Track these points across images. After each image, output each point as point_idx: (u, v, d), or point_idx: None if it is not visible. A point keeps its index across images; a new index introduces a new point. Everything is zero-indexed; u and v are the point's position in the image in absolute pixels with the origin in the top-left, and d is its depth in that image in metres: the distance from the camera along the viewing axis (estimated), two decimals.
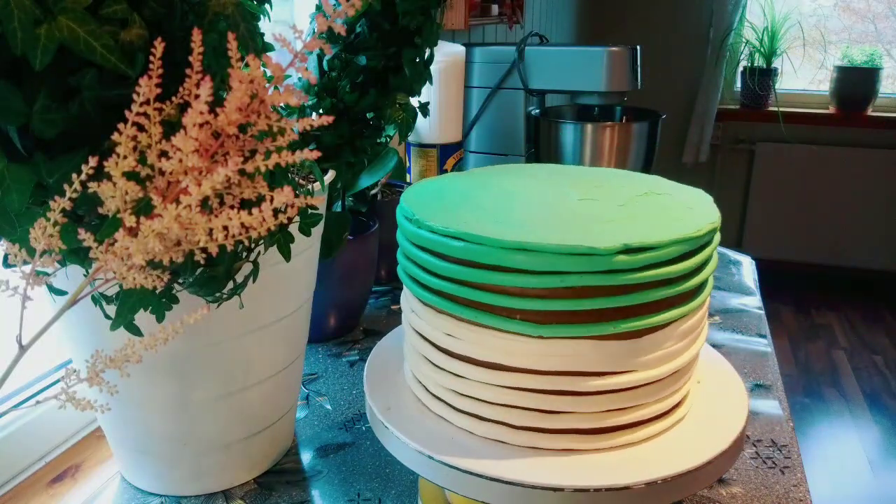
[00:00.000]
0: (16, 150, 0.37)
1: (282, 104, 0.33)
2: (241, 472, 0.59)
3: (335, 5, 0.47)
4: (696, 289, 0.43)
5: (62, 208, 0.32)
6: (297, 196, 0.32)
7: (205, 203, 0.34)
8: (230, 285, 0.46)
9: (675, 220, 0.42)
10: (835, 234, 3.34)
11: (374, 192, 0.97)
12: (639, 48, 1.39)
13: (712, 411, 0.46)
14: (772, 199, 3.40)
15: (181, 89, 0.33)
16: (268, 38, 0.44)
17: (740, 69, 3.33)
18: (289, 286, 0.55)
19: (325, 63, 0.73)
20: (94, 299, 0.44)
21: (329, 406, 0.71)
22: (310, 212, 0.52)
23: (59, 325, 0.51)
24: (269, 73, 0.33)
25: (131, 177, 0.32)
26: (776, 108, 3.25)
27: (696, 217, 0.43)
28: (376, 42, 0.72)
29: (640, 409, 0.42)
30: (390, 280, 1.04)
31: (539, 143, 1.43)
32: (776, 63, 3.24)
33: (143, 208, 0.33)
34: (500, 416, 0.42)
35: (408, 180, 1.21)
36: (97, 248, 0.32)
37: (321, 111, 0.72)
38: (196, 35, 0.31)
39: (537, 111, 1.47)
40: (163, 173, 0.33)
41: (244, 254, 0.45)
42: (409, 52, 0.73)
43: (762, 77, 3.23)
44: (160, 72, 0.31)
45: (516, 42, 1.40)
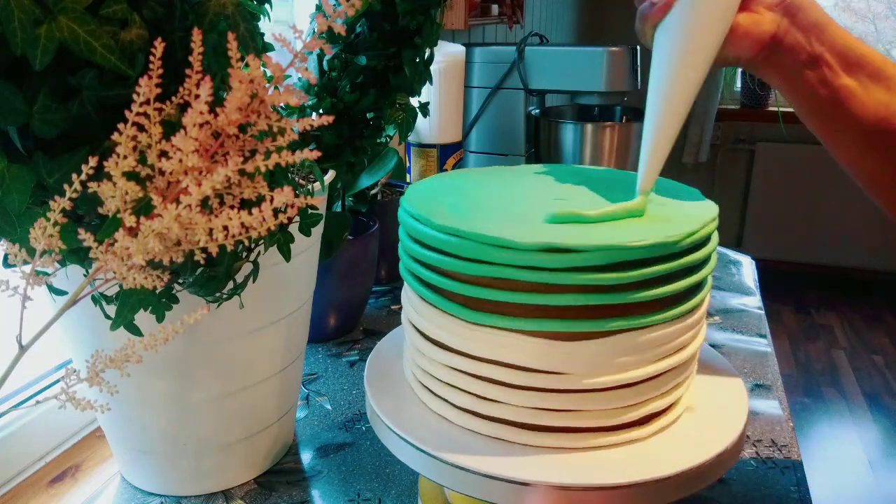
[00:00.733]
0: (16, 150, 0.37)
1: (282, 104, 0.33)
2: (241, 472, 0.59)
3: (335, 5, 0.47)
4: (663, 301, 0.41)
5: (62, 208, 0.32)
6: (297, 196, 0.32)
7: (205, 203, 0.34)
8: (230, 285, 0.46)
9: (642, 230, 0.41)
10: (835, 234, 3.34)
11: (374, 192, 0.97)
12: (639, 48, 1.39)
13: (712, 411, 0.46)
14: (772, 199, 3.40)
15: (181, 89, 0.33)
16: (268, 38, 0.44)
17: (740, 69, 3.32)
18: (289, 286, 0.55)
19: (325, 63, 0.73)
20: (94, 299, 0.44)
21: (329, 406, 0.71)
22: (310, 212, 0.52)
23: (59, 325, 0.51)
24: (269, 73, 0.33)
25: (131, 177, 0.32)
26: (776, 108, 3.25)
27: (664, 229, 0.41)
28: (376, 42, 0.72)
29: (642, 406, 0.42)
30: (390, 280, 1.04)
31: (539, 143, 1.43)
32: None
33: (143, 208, 0.33)
34: (499, 412, 0.42)
35: (408, 180, 1.21)
36: (97, 248, 0.32)
37: (321, 111, 0.72)
38: (196, 35, 0.31)
39: (537, 111, 1.47)
40: (163, 173, 0.33)
41: (244, 254, 0.45)
42: (409, 52, 0.73)
43: None
44: (160, 72, 0.31)
45: (516, 42, 1.40)
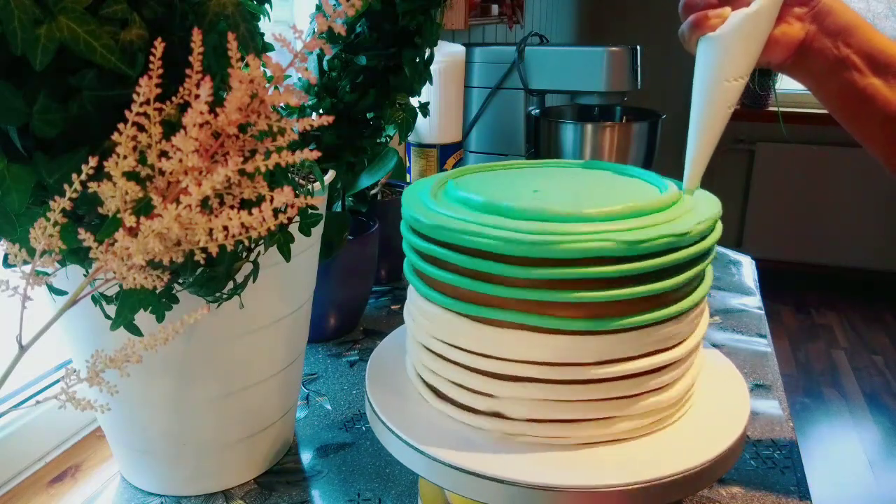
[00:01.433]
0: (16, 150, 0.37)
1: (282, 104, 0.33)
2: (241, 472, 0.59)
3: (335, 5, 0.47)
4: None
5: (62, 208, 0.32)
6: (297, 196, 0.32)
7: (205, 203, 0.34)
8: (230, 285, 0.46)
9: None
10: (835, 234, 3.34)
11: (374, 192, 0.97)
12: (639, 48, 1.39)
13: (713, 411, 0.46)
14: (772, 199, 3.39)
15: (181, 89, 0.33)
16: (268, 38, 0.44)
17: None
18: (289, 286, 0.55)
19: (325, 63, 0.73)
20: (94, 299, 0.44)
21: (329, 406, 0.71)
22: (310, 212, 0.52)
23: (59, 325, 0.51)
24: (269, 73, 0.33)
25: (131, 177, 0.32)
26: (776, 108, 3.25)
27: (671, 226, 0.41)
28: (376, 42, 0.72)
29: (643, 399, 0.42)
30: (390, 280, 1.04)
31: (539, 143, 1.43)
32: None
33: (143, 208, 0.33)
34: (500, 408, 0.42)
35: (408, 180, 1.21)
36: (97, 248, 0.32)
37: (321, 111, 0.72)
38: (196, 35, 0.31)
39: (537, 111, 1.47)
40: (163, 173, 0.33)
41: (244, 254, 0.45)
42: (409, 52, 0.73)
43: (762, 77, 3.22)
44: (160, 72, 0.31)
45: (516, 42, 1.40)
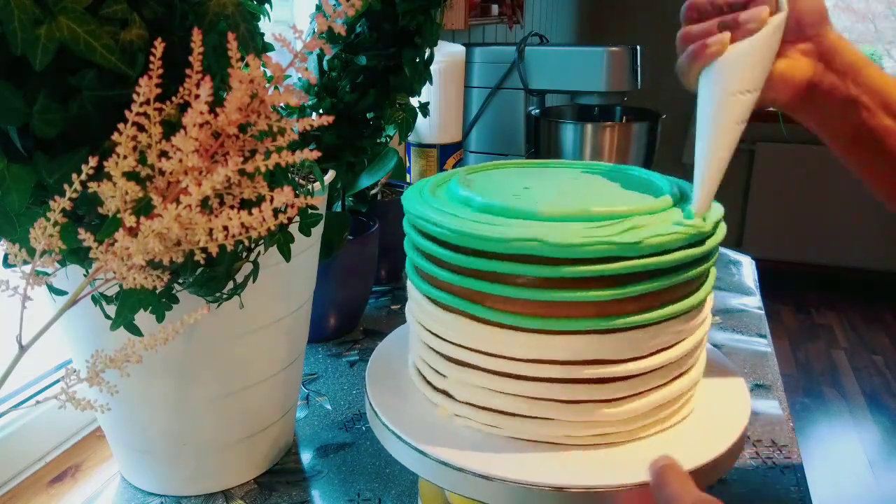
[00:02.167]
0: (16, 150, 0.37)
1: (282, 104, 0.33)
2: (241, 472, 0.59)
3: (335, 5, 0.47)
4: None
5: (62, 208, 0.32)
6: (297, 196, 0.32)
7: (205, 203, 0.34)
8: (230, 285, 0.46)
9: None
10: (835, 234, 3.34)
11: (374, 192, 0.97)
12: (639, 48, 1.39)
13: (714, 411, 0.46)
14: (772, 199, 3.39)
15: (181, 89, 0.33)
16: (268, 38, 0.44)
17: None
18: (289, 286, 0.55)
19: (325, 63, 0.73)
20: (94, 299, 0.44)
21: (329, 406, 0.71)
22: (310, 212, 0.52)
23: (59, 325, 0.51)
24: (269, 73, 0.33)
25: (131, 177, 0.32)
26: (776, 108, 3.24)
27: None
28: (376, 42, 0.72)
29: (641, 398, 0.42)
30: (390, 280, 1.04)
31: (539, 143, 1.43)
32: None
33: (143, 208, 0.33)
34: (502, 405, 0.43)
35: (408, 180, 1.21)
36: (97, 248, 0.32)
37: (321, 111, 0.72)
38: (196, 35, 0.31)
39: (537, 111, 1.47)
40: (163, 173, 0.33)
41: (244, 254, 0.45)
42: (409, 52, 0.73)
43: None
44: (160, 72, 0.31)
45: (516, 42, 1.40)
